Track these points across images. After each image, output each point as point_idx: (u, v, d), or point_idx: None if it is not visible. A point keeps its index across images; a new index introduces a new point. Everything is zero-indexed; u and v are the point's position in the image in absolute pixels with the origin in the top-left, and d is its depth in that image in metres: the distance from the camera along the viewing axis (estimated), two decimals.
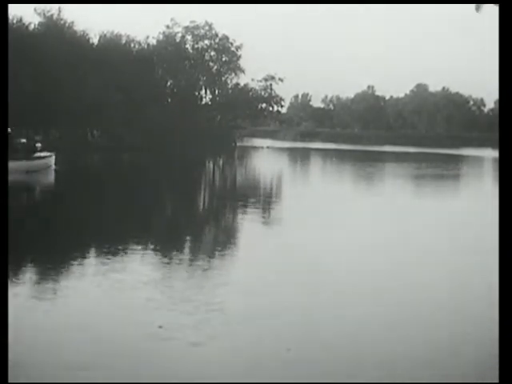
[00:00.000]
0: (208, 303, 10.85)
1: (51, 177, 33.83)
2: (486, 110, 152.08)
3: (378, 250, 16.60)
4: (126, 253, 15.04)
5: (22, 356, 8.34)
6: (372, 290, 12.35)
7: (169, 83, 70.53)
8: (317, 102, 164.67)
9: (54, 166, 35.57)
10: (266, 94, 77.00)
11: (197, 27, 72.63)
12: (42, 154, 35.44)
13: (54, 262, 14.36)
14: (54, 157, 36.04)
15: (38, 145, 36.09)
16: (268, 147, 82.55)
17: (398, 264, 15.10)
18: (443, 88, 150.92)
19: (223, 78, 75.25)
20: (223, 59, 74.45)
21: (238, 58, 74.57)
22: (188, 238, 18.93)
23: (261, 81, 76.44)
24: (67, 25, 55.29)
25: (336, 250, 16.71)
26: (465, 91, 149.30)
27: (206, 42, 73.48)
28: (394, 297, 12.08)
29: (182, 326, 9.72)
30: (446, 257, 16.14)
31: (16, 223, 16.26)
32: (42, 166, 34.28)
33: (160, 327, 9.50)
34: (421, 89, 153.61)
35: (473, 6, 12.81)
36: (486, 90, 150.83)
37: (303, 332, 9.83)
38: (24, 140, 35.51)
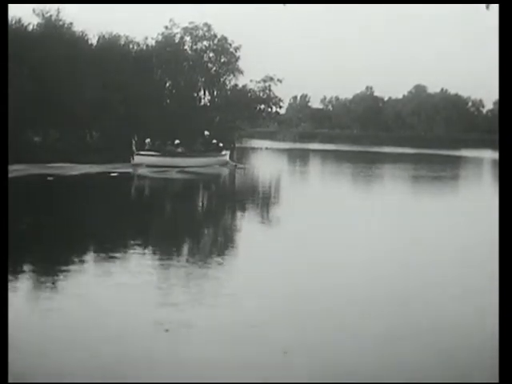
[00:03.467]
0: None
1: (227, 169, 44.99)
2: (484, 111, 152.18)
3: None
4: None
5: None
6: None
7: (168, 84, 70.34)
8: (315, 103, 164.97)
9: (230, 162, 46.58)
10: (265, 95, 76.81)
11: (195, 28, 72.45)
12: (224, 152, 46.82)
13: None
14: (228, 154, 47.21)
15: (221, 145, 47.19)
16: (267, 148, 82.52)
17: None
18: (442, 89, 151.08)
19: (222, 79, 75.07)
20: (222, 60, 74.28)
21: (237, 59, 74.44)
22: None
23: (259, 82, 76.25)
24: (66, 26, 55.17)
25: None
26: (463, 92, 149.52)
27: (205, 43, 73.29)
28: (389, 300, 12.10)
29: None
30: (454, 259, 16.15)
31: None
32: (225, 161, 46.18)
33: (166, 330, 9.58)
34: (419, 90, 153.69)
35: (472, 6, 12.82)
36: (484, 91, 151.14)
37: None
38: (215, 141, 47.09)
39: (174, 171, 39.96)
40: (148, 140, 44.82)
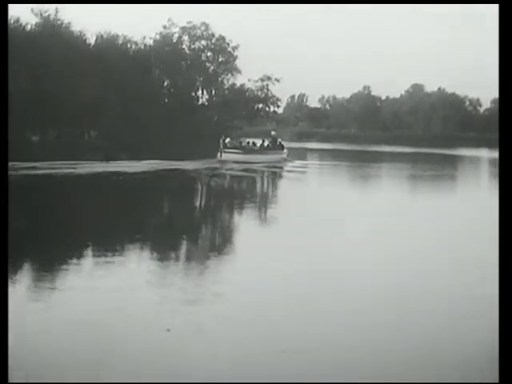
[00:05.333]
0: None
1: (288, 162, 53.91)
2: (481, 110, 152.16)
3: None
4: None
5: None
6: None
7: (166, 83, 70.31)
8: (313, 103, 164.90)
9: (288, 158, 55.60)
10: (263, 95, 76.75)
11: (193, 27, 72.38)
12: (285, 150, 56.58)
13: None
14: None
15: (283, 143, 57.56)
16: None
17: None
18: (439, 88, 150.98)
19: (220, 79, 74.98)
20: (220, 60, 74.21)
21: (235, 58, 74.38)
22: None
23: (257, 81, 76.16)
24: (64, 25, 55.10)
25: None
26: (461, 91, 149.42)
27: (203, 42, 73.23)
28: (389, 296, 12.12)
29: None
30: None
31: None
32: (285, 157, 55.25)
33: (168, 330, 9.60)
34: (417, 89, 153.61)
35: (470, 6, 12.85)
36: (481, 90, 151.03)
37: None
38: (280, 140, 57.59)
39: (259, 165, 48.31)
40: (228, 139, 54.68)
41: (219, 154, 51.47)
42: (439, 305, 11.66)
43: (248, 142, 55.68)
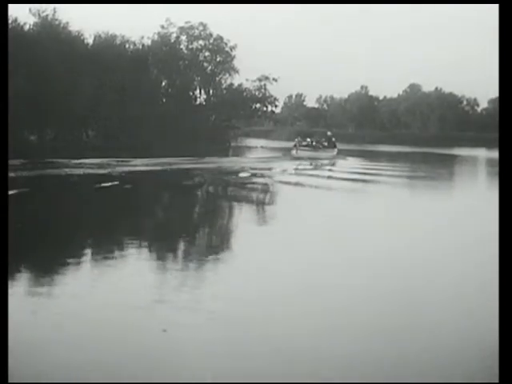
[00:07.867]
0: None
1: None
2: (479, 109, 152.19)
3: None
4: None
5: None
6: None
7: (163, 83, 70.47)
8: (311, 102, 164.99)
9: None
10: (260, 94, 76.94)
11: (191, 27, 72.52)
12: (337, 148, 63.34)
13: None
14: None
15: (335, 142, 64.70)
16: (262, 147, 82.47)
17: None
18: (436, 88, 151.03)
19: (217, 78, 75.15)
20: (217, 59, 74.38)
21: (233, 58, 74.52)
22: None
23: (255, 81, 76.39)
24: (62, 25, 55.15)
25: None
26: (458, 91, 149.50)
27: (201, 42, 73.38)
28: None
29: None
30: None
31: None
32: (335, 154, 61.16)
33: (164, 330, 9.57)
34: (414, 89, 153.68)
35: (468, 6, 12.88)
36: (479, 89, 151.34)
37: None
38: (334, 139, 64.84)
39: (323, 161, 53.39)
40: (298, 138, 63.72)
41: (294, 151, 59.95)
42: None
43: (315, 141, 63.25)
